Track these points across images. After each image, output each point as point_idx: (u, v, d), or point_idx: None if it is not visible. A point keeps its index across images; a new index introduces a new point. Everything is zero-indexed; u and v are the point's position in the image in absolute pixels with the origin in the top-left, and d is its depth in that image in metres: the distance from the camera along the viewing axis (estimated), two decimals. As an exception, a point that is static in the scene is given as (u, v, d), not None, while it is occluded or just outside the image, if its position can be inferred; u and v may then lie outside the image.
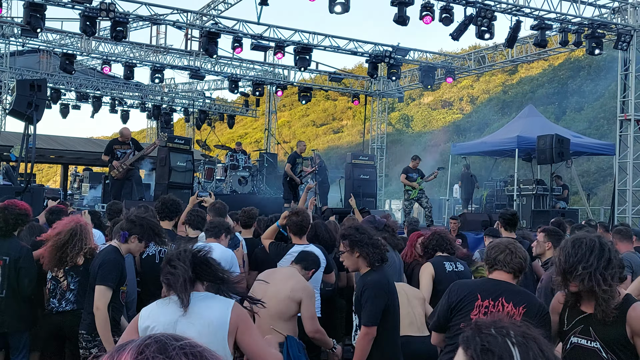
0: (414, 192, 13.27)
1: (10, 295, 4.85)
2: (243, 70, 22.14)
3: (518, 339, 1.30)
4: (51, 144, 21.18)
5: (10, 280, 4.85)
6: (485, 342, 1.31)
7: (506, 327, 1.33)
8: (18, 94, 9.66)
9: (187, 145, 15.00)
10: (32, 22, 12.90)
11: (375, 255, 3.94)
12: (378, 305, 3.80)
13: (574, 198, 19.23)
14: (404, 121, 40.44)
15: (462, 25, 13.74)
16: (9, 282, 4.85)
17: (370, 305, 3.79)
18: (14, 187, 9.91)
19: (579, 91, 30.09)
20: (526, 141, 15.14)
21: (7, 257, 4.87)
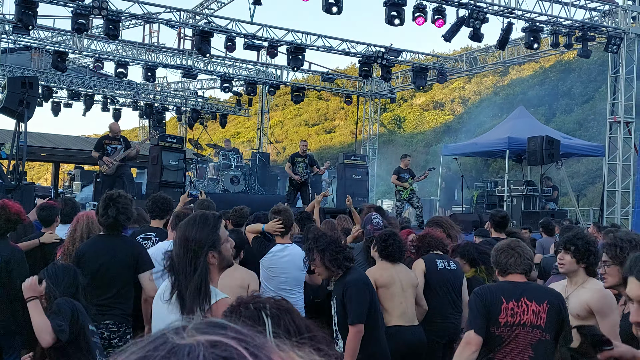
0: (405, 192, 13.32)
1: (2, 297, 4.82)
2: (236, 70, 22.15)
3: (272, 311, 1.45)
4: (42, 142, 21.11)
5: (1, 282, 4.80)
6: (243, 315, 1.46)
7: (263, 302, 1.48)
8: (9, 91, 9.65)
9: (179, 144, 15.00)
10: (24, 19, 12.86)
11: (341, 257, 4.01)
12: (363, 302, 3.85)
13: (563, 199, 19.39)
14: (395, 122, 40.54)
15: (454, 27, 13.83)
16: (1, 284, 4.80)
17: (355, 303, 3.81)
18: (5, 184, 9.88)
19: (569, 93, 30.30)
20: (517, 142, 15.25)
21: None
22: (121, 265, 4.39)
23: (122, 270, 4.39)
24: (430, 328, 4.83)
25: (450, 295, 4.96)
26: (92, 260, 4.34)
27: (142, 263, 4.40)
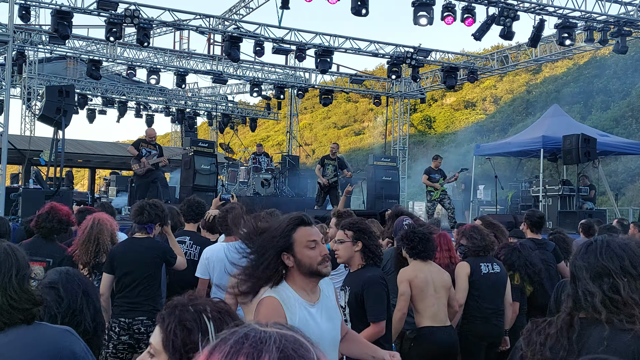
0: (436, 193, 13.22)
1: None
2: (265, 74, 22.29)
3: (213, 314, 1.45)
4: (79, 149, 21.54)
5: None
6: (182, 317, 1.45)
7: (203, 304, 1.49)
8: (47, 99, 9.88)
9: (210, 149, 15.16)
10: (59, 29, 13.18)
11: (377, 252, 3.98)
12: (384, 300, 3.83)
13: (601, 198, 19.00)
14: (426, 122, 40.25)
15: (484, 25, 13.69)
16: None
17: (379, 301, 3.79)
18: (44, 190, 10.11)
19: (605, 90, 29.67)
20: (551, 141, 14.96)
21: (51, 259, 5.01)
22: (149, 263, 4.72)
23: (150, 269, 4.72)
24: (471, 330, 4.86)
25: (493, 298, 4.92)
26: (123, 260, 4.68)
27: (171, 257, 4.83)
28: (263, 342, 0.94)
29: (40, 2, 14.30)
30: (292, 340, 0.96)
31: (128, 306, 4.60)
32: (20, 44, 17.43)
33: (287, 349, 0.94)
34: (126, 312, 4.58)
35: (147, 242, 4.81)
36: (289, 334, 0.97)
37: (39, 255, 5.04)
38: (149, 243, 4.81)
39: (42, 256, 5.02)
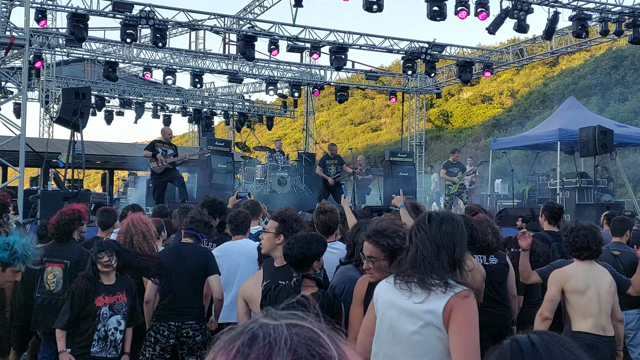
0: (454, 187, 13.22)
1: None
2: (280, 72, 22.36)
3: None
4: (97, 150, 21.78)
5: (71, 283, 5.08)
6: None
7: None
8: (64, 102, 10.03)
9: (227, 148, 15.29)
10: (75, 32, 13.37)
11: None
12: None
13: (620, 190, 18.77)
14: (443, 117, 40.01)
15: (498, 19, 13.62)
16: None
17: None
18: (63, 192, 10.28)
19: (623, 81, 29.28)
20: (568, 134, 14.85)
21: (68, 260, 5.13)
22: (193, 269, 4.73)
23: (195, 273, 4.73)
24: None
25: (489, 290, 4.90)
26: (169, 265, 4.71)
27: (212, 267, 4.78)
28: (272, 346, 0.85)
29: (56, 5, 14.50)
30: (305, 337, 0.87)
31: (178, 310, 4.65)
32: (37, 47, 17.68)
33: (300, 349, 0.85)
34: (177, 316, 4.63)
35: (192, 248, 4.85)
36: (302, 330, 0.89)
37: (57, 257, 5.17)
38: (194, 249, 4.85)
39: (59, 257, 5.16)
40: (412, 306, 2.54)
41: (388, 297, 2.66)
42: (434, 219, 2.65)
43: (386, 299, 2.67)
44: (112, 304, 4.37)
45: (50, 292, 5.12)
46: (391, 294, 2.65)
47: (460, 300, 2.49)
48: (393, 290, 2.64)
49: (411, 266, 2.59)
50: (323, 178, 13.85)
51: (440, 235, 2.60)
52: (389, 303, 2.65)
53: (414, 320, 2.53)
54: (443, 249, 2.58)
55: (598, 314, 4.30)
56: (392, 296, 2.63)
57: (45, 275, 5.13)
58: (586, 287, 4.31)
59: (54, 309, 5.02)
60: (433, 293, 2.51)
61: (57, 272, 5.13)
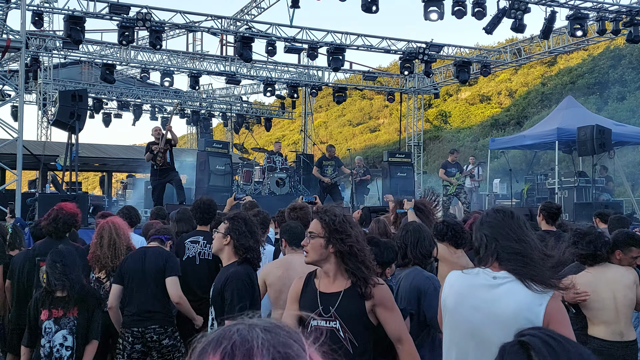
0: (452, 187, 13.22)
1: None
2: (278, 73, 22.35)
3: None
4: (95, 153, 21.78)
5: None
6: None
7: None
8: (60, 104, 10.02)
9: (225, 149, 15.28)
10: (72, 34, 13.35)
11: (250, 249, 3.67)
12: (244, 299, 3.54)
13: (618, 189, 18.76)
14: (441, 117, 40.04)
15: (495, 19, 13.62)
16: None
17: (236, 299, 3.51)
18: (61, 195, 10.26)
19: (621, 80, 29.30)
20: (566, 133, 14.85)
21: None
22: (155, 271, 4.70)
23: (154, 276, 4.70)
24: None
25: None
26: (129, 270, 4.70)
27: (170, 269, 4.72)
28: (251, 350, 0.88)
29: (53, 8, 14.48)
30: (279, 342, 0.90)
31: (139, 315, 4.62)
32: (34, 50, 17.65)
33: (275, 353, 0.88)
34: (138, 322, 4.61)
35: (153, 251, 4.83)
36: (275, 336, 0.92)
37: None
38: (155, 251, 4.83)
39: None
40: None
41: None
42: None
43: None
44: (57, 317, 4.15)
45: None
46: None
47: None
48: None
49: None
50: (320, 179, 13.92)
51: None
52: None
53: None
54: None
55: (615, 321, 4.15)
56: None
57: (41, 275, 5.09)
58: (598, 295, 4.17)
59: None
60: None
61: None
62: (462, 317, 2.47)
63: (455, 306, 2.52)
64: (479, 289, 2.44)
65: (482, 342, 2.37)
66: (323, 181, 13.83)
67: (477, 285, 2.46)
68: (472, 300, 2.45)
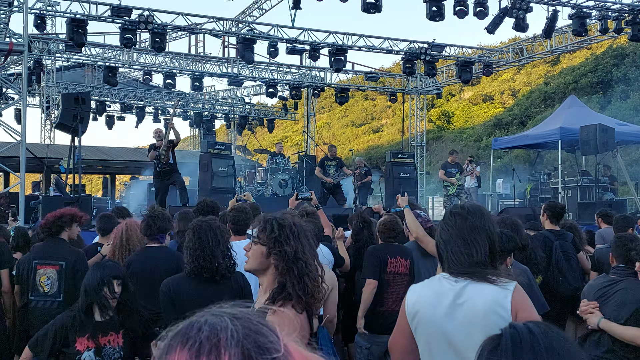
0: (452, 187, 13.21)
1: (67, 300, 5.06)
2: (280, 75, 22.36)
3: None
4: (98, 155, 21.83)
5: (67, 285, 5.06)
6: None
7: None
8: (64, 107, 10.04)
9: (228, 151, 15.29)
10: (75, 37, 13.38)
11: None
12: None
13: (622, 189, 18.72)
14: (444, 117, 40.02)
15: (497, 18, 13.60)
16: (66, 286, 5.07)
17: None
18: (64, 197, 10.29)
19: (624, 79, 29.24)
20: (569, 132, 14.81)
21: (64, 262, 5.08)
22: (164, 271, 4.59)
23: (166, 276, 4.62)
24: None
25: None
26: (140, 271, 4.62)
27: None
28: (220, 339, 0.84)
29: (55, 11, 14.52)
30: (249, 329, 0.87)
31: (152, 316, 4.57)
32: (37, 53, 17.70)
33: (247, 340, 0.85)
34: (154, 321, 4.58)
35: (162, 252, 4.79)
36: (245, 322, 0.88)
37: (49, 258, 5.13)
38: (165, 252, 4.79)
39: (53, 259, 5.11)
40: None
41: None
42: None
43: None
44: (99, 347, 3.47)
45: (45, 295, 5.07)
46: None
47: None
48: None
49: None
50: (322, 180, 13.90)
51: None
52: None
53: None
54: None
55: None
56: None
57: (38, 278, 5.09)
58: None
59: (50, 311, 5.03)
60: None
61: (51, 273, 5.08)
62: (435, 327, 2.37)
63: (425, 318, 2.41)
64: (445, 296, 2.38)
65: (461, 348, 2.31)
66: (325, 182, 13.82)
67: (442, 292, 2.39)
68: (440, 309, 2.37)
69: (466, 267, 2.37)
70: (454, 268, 2.39)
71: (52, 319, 4.59)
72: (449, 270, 2.42)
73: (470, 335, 2.25)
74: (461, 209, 2.51)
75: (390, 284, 5.06)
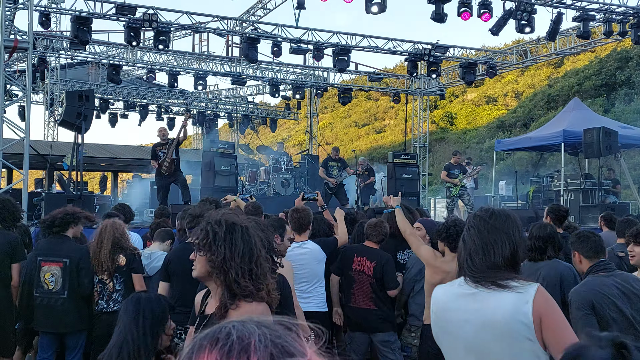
0: (455, 189, 13.19)
1: (71, 296, 5.10)
2: (283, 74, 22.35)
3: None
4: (101, 153, 21.87)
5: (71, 282, 5.10)
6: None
7: None
8: (67, 105, 10.06)
9: (230, 150, 15.31)
10: (79, 35, 13.39)
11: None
12: None
13: (625, 192, 18.70)
14: (447, 119, 40.01)
15: (501, 20, 13.58)
16: (70, 283, 5.10)
17: None
18: (67, 194, 10.30)
19: (628, 82, 29.20)
20: (572, 135, 14.81)
21: (68, 259, 5.11)
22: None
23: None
24: None
25: None
26: (179, 267, 4.63)
27: None
28: (249, 344, 0.88)
29: (60, 8, 14.53)
30: (276, 335, 0.91)
31: (188, 314, 4.57)
32: (41, 50, 17.72)
33: (274, 346, 0.88)
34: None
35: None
36: (271, 329, 0.92)
37: (53, 255, 5.15)
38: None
39: (57, 256, 5.14)
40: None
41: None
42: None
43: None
44: None
45: (49, 292, 5.10)
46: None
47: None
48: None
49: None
50: (325, 180, 14.01)
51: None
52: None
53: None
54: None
55: None
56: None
57: (42, 275, 5.12)
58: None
59: (54, 308, 5.05)
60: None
61: (55, 270, 5.11)
62: (455, 333, 2.36)
63: (445, 322, 2.41)
64: (464, 300, 2.34)
65: (482, 354, 2.29)
66: (328, 182, 13.90)
67: (462, 296, 2.36)
68: (460, 314, 2.34)
69: (481, 270, 2.33)
70: (468, 272, 2.37)
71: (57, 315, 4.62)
72: (464, 274, 2.40)
73: (491, 342, 2.23)
74: (485, 212, 2.47)
75: (356, 280, 5.41)
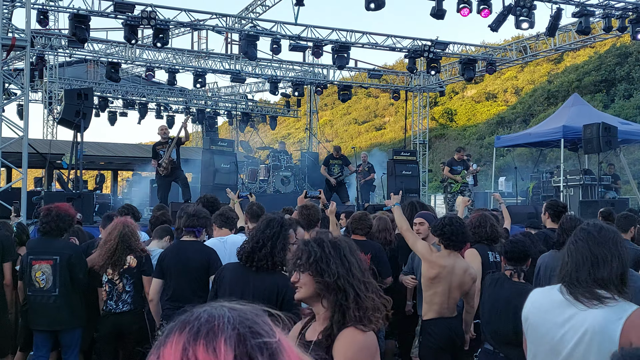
0: (456, 185, 13.18)
1: (63, 293, 5.09)
2: (283, 72, 22.32)
3: None
4: (101, 151, 21.85)
5: (63, 278, 5.08)
6: None
7: None
8: (66, 103, 10.05)
9: (230, 148, 15.31)
10: (77, 33, 13.37)
11: None
12: None
13: (625, 187, 18.70)
14: (447, 115, 39.98)
15: (500, 16, 13.55)
16: (62, 280, 5.08)
17: None
18: (66, 193, 10.29)
19: (628, 78, 29.18)
20: (572, 131, 14.79)
21: (58, 256, 5.10)
22: (198, 267, 4.62)
23: (196, 273, 4.63)
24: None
25: None
26: (172, 264, 4.65)
27: (213, 267, 4.57)
28: (217, 324, 0.89)
29: (58, 6, 14.50)
30: (245, 317, 0.91)
31: (179, 309, 4.55)
32: (39, 48, 17.68)
33: (241, 326, 0.89)
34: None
35: (195, 246, 4.73)
36: (241, 312, 0.93)
37: (44, 253, 5.14)
38: (198, 247, 4.74)
39: (47, 254, 5.13)
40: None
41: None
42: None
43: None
44: None
45: (40, 290, 5.09)
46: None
47: None
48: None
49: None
50: (326, 178, 14.01)
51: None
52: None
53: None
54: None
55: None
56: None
57: (33, 273, 5.11)
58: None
59: (46, 306, 5.05)
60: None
61: (46, 268, 5.10)
62: (544, 332, 2.48)
63: (537, 321, 2.53)
64: (559, 305, 2.44)
65: (565, 358, 2.38)
66: (329, 180, 13.92)
67: (558, 301, 2.45)
68: (552, 317, 2.45)
69: (585, 284, 2.38)
70: (570, 283, 2.43)
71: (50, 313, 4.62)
72: (563, 281, 2.47)
73: (576, 349, 2.33)
74: (593, 227, 2.50)
75: None
